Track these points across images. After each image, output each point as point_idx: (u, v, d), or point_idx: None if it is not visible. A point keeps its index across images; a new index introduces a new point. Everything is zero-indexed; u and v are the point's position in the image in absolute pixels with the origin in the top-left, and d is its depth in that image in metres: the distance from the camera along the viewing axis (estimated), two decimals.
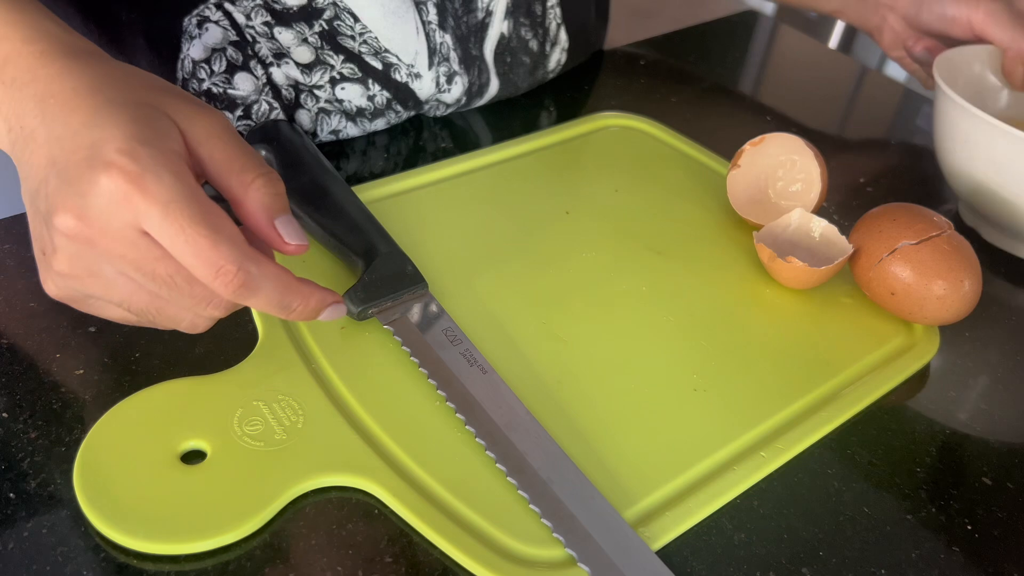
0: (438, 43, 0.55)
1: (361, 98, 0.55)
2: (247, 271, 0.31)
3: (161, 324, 0.34)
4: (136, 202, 0.29)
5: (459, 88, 0.58)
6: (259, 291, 0.31)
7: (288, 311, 0.33)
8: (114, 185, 0.29)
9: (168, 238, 0.30)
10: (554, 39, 0.63)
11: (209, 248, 0.30)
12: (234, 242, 0.31)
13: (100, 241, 0.30)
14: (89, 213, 0.29)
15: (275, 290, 0.32)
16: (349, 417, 0.37)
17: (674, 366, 0.43)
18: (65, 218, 0.30)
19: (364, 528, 0.34)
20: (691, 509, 0.36)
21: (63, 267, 0.31)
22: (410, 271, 0.43)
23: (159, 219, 0.29)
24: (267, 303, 0.32)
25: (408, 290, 0.42)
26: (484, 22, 0.57)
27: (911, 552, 0.37)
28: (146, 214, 0.29)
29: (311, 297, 0.34)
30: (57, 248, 0.31)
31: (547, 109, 0.63)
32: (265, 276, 0.31)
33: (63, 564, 0.32)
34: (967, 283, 0.44)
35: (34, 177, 0.31)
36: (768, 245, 0.48)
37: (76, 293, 0.33)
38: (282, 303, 0.33)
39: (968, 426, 0.43)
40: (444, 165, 0.54)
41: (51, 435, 0.36)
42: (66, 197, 0.29)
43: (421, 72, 0.55)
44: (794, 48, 0.81)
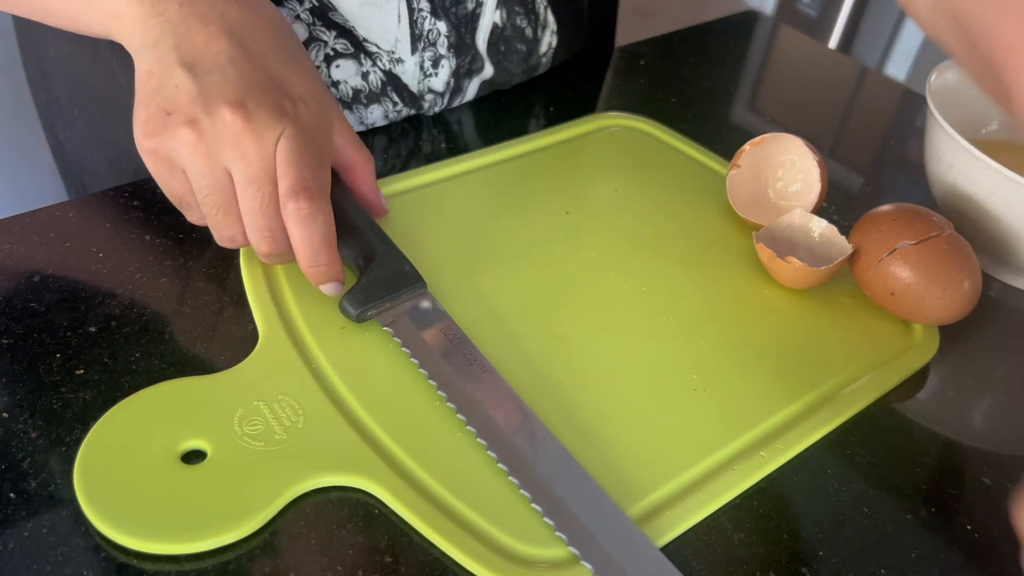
0: (426, 30, 0.55)
1: (356, 77, 0.54)
2: (319, 200, 0.37)
3: (209, 220, 0.39)
4: (290, 123, 0.35)
5: (446, 71, 0.57)
6: (312, 223, 0.38)
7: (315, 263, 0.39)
8: (287, 110, 0.35)
9: (288, 153, 0.36)
10: (543, 22, 0.63)
11: (310, 170, 0.37)
12: (326, 181, 0.39)
13: (244, 140, 0.35)
14: (256, 120, 0.35)
15: (321, 234, 0.38)
16: (349, 417, 0.37)
17: (674, 366, 0.43)
18: (235, 112, 0.35)
19: (364, 528, 0.34)
20: (691, 509, 0.36)
21: (191, 138, 0.36)
22: (408, 271, 0.43)
23: (296, 139, 0.36)
24: (308, 241, 0.38)
25: (407, 290, 0.42)
26: (475, 12, 0.57)
27: (911, 552, 0.37)
28: (289, 134, 0.36)
29: (335, 266, 0.40)
30: (199, 122, 0.35)
31: (547, 109, 0.63)
32: (325, 217, 0.38)
33: (63, 564, 0.32)
34: (967, 283, 0.44)
35: (191, 52, 0.35)
36: (768, 245, 0.48)
37: (175, 156, 0.37)
38: (316, 252, 0.39)
39: (968, 426, 0.43)
40: (443, 165, 0.54)
41: (51, 435, 0.36)
42: (244, 98, 0.35)
43: (403, 57, 0.55)
44: (794, 48, 0.82)
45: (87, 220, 0.47)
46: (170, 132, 0.36)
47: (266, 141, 0.36)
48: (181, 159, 0.37)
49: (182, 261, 0.45)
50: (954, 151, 0.49)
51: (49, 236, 0.45)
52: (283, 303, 0.42)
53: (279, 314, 0.42)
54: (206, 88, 0.35)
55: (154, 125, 0.37)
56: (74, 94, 0.58)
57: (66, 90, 0.59)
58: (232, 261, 0.45)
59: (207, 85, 0.35)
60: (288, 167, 0.36)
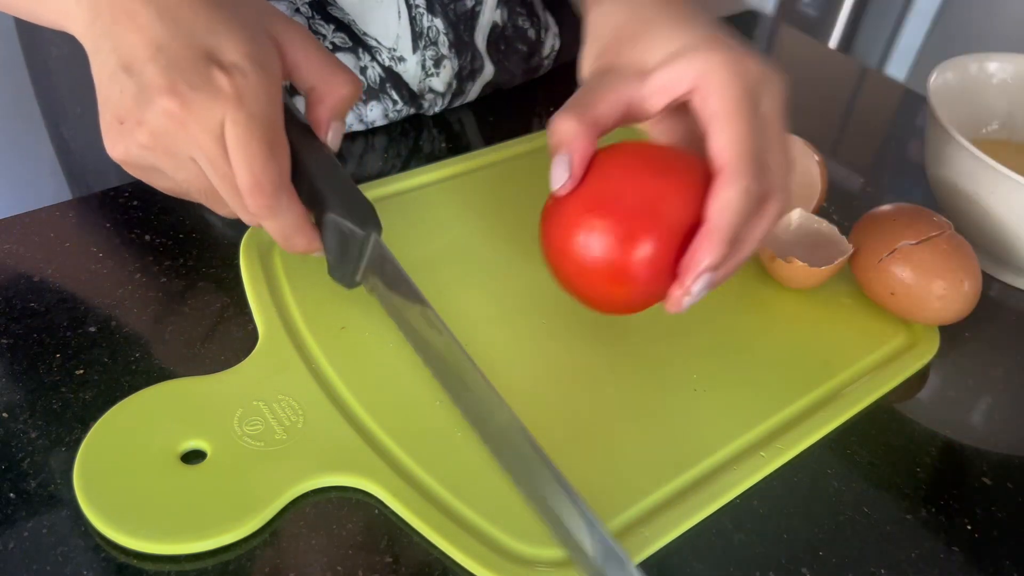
0: (425, 27, 0.54)
1: (354, 71, 0.54)
2: (278, 198, 0.36)
3: (205, 204, 0.39)
4: (230, 105, 0.34)
5: (448, 72, 0.57)
6: (277, 218, 0.37)
7: (289, 244, 0.39)
8: (222, 87, 0.34)
9: (235, 143, 0.34)
10: (545, 24, 0.63)
11: (259, 165, 0.35)
12: (281, 172, 0.36)
13: (191, 127, 0.34)
14: (193, 103, 0.34)
15: (289, 225, 0.38)
16: (349, 417, 0.37)
17: (674, 366, 0.43)
18: (170, 100, 0.34)
19: (364, 528, 0.34)
20: (691, 509, 0.36)
21: (145, 139, 0.35)
22: (356, 230, 0.39)
23: (240, 127, 0.34)
24: (278, 232, 0.38)
25: (366, 253, 0.40)
26: (474, 10, 0.57)
27: (911, 552, 0.37)
28: (233, 119, 0.34)
29: (314, 242, 0.39)
30: (146, 122, 0.35)
31: (548, 109, 0.63)
32: (289, 210, 0.37)
33: (63, 564, 0.32)
34: (967, 283, 0.44)
35: (125, 54, 0.35)
36: (768, 245, 0.48)
37: (143, 162, 0.37)
38: (288, 239, 0.38)
39: (968, 426, 0.43)
40: (443, 165, 0.54)
41: (51, 435, 0.36)
42: (175, 82, 0.34)
43: (405, 56, 0.55)
44: (794, 48, 0.81)
45: (87, 220, 0.47)
46: (128, 139, 0.36)
47: (209, 126, 0.34)
48: (150, 161, 0.36)
49: (182, 261, 0.45)
50: (954, 151, 0.49)
51: (49, 236, 0.45)
52: (283, 303, 0.42)
53: (279, 314, 0.42)
54: (142, 86, 0.34)
55: (113, 136, 0.36)
56: (77, 92, 0.58)
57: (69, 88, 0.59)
58: (232, 261, 0.45)
59: (143, 83, 0.34)
60: (238, 164, 0.35)
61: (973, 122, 0.59)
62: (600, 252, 0.35)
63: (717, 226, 0.34)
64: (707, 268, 0.34)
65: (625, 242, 0.35)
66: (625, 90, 0.36)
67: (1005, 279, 0.53)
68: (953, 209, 0.52)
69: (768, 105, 0.36)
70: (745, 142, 0.34)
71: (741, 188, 0.34)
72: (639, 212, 0.35)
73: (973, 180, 0.49)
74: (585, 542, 0.32)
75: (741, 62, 0.35)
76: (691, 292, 0.35)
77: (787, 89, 0.37)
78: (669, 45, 0.36)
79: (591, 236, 0.35)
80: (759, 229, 0.36)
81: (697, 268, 0.34)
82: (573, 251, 0.36)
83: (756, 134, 0.35)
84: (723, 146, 0.35)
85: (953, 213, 0.52)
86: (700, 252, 0.34)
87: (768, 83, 0.36)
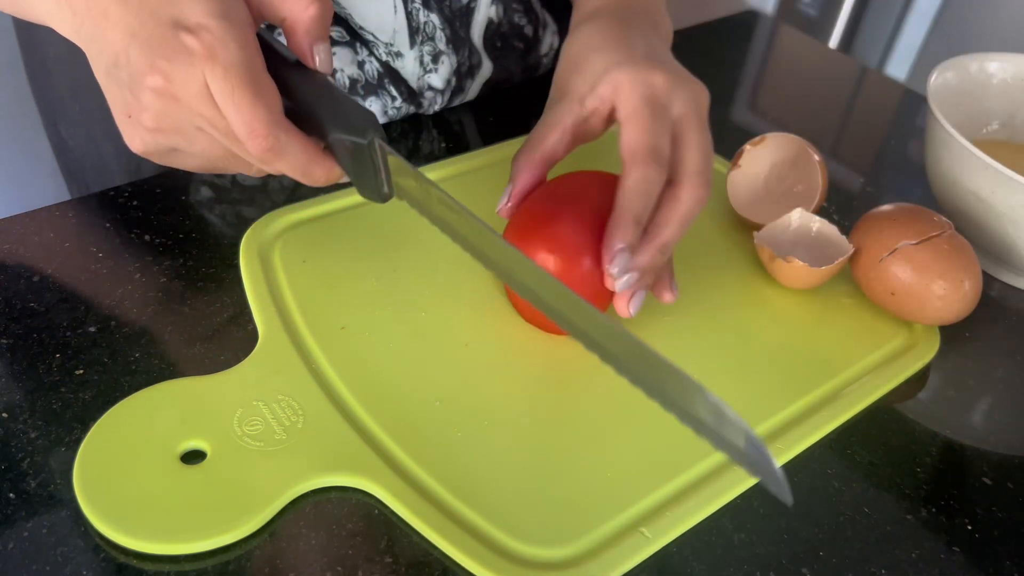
0: (422, 22, 0.54)
1: (352, 66, 0.54)
2: (275, 136, 0.36)
3: (233, 171, 0.39)
4: (205, 64, 0.34)
5: (446, 68, 0.57)
6: (284, 156, 0.36)
7: (311, 178, 0.38)
8: (193, 49, 0.34)
9: (220, 96, 0.35)
10: (543, 21, 0.63)
11: (248, 109, 0.35)
12: (270, 110, 0.36)
13: (182, 98, 0.35)
14: (174, 74, 0.34)
15: (299, 159, 0.37)
16: (349, 417, 0.37)
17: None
18: (154, 78, 0.34)
19: (364, 528, 0.34)
20: (691, 509, 0.36)
21: (151, 123, 0.36)
22: (358, 140, 0.38)
23: (219, 80, 0.34)
24: (292, 168, 0.37)
25: (378, 160, 0.39)
26: (469, 6, 0.57)
27: (911, 552, 0.37)
28: (212, 74, 0.34)
29: (333, 169, 0.38)
30: (146, 107, 0.35)
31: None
32: (292, 145, 0.36)
33: (63, 564, 0.32)
34: (967, 283, 0.44)
35: (110, 52, 0.36)
36: (768, 245, 0.48)
37: (161, 147, 0.38)
38: (305, 170, 0.38)
39: (968, 426, 0.43)
40: (443, 165, 0.54)
41: (51, 435, 0.36)
42: (154, 61, 0.34)
43: (402, 51, 0.55)
44: (794, 48, 0.81)
45: (87, 220, 0.47)
46: (139, 130, 0.37)
47: (194, 89, 0.35)
48: (165, 144, 0.38)
49: (182, 261, 0.45)
50: (954, 151, 0.49)
51: (49, 236, 0.45)
52: (283, 303, 0.42)
53: (279, 314, 0.42)
54: (132, 74, 0.35)
55: (128, 132, 0.38)
56: (75, 91, 0.58)
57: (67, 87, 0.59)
58: (232, 261, 0.45)
59: (131, 72, 0.35)
60: (229, 114, 0.35)
61: (973, 122, 0.59)
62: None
63: (619, 208, 0.38)
64: (621, 248, 0.38)
65: (544, 259, 0.40)
66: (569, 120, 0.42)
67: (1005, 279, 0.53)
68: (953, 209, 0.52)
69: (681, 109, 0.41)
70: (641, 138, 0.39)
71: (638, 175, 0.38)
72: (561, 232, 0.39)
73: (973, 180, 0.49)
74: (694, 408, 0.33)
75: (647, 75, 0.40)
76: (615, 276, 0.38)
77: (704, 94, 0.42)
78: (596, 70, 0.41)
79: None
80: (675, 212, 0.39)
81: (612, 250, 0.38)
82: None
83: (655, 132, 0.39)
84: (624, 144, 0.40)
85: (953, 213, 0.52)
86: (609, 236, 0.38)
87: (679, 90, 0.41)
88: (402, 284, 0.45)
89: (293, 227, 0.47)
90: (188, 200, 0.49)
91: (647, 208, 0.38)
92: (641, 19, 0.46)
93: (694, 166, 0.40)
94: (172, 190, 0.50)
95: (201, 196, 0.50)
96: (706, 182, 0.40)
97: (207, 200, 0.49)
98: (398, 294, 0.44)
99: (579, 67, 0.43)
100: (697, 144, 0.40)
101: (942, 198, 0.53)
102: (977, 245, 0.50)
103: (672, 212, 0.39)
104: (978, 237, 0.51)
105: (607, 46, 0.43)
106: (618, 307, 0.39)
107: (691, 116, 0.40)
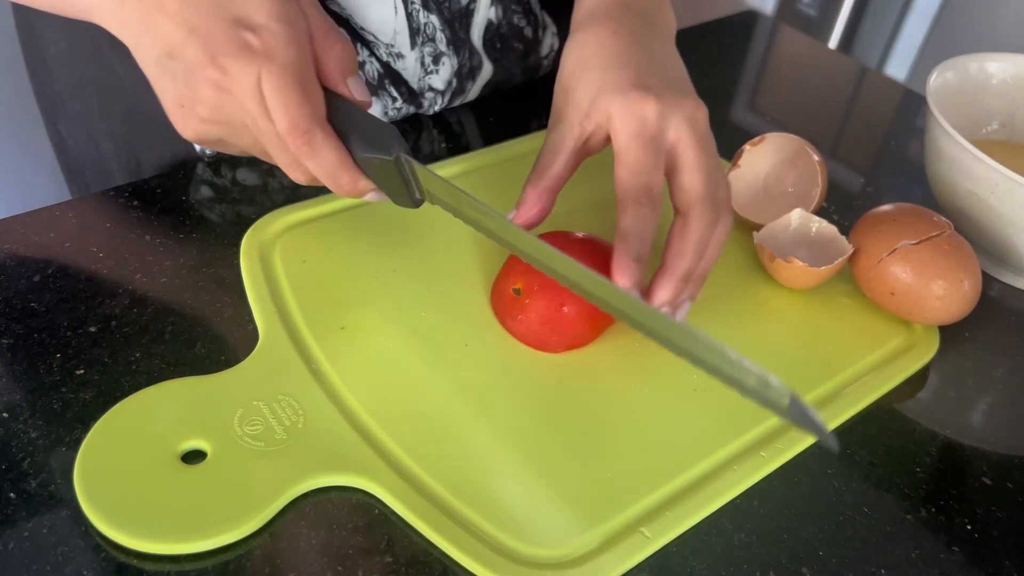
0: (422, 23, 0.54)
1: None
2: (313, 133, 0.38)
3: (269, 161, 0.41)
4: (264, 62, 0.36)
5: (447, 69, 0.57)
6: (318, 154, 0.38)
7: (338, 185, 0.40)
8: (254, 46, 0.36)
9: (271, 93, 0.37)
10: (543, 22, 0.62)
11: (294, 106, 0.37)
12: (314, 111, 0.38)
13: (236, 92, 0.37)
14: (232, 69, 0.36)
15: (331, 161, 0.39)
16: (349, 417, 0.37)
17: (674, 366, 0.42)
18: (213, 71, 0.36)
19: (364, 528, 0.34)
20: (691, 509, 0.36)
21: (205, 114, 0.38)
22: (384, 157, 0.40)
23: (274, 77, 0.36)
24: (322, 168, 0.39)
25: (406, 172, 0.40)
26: (469, 7, 0.57)
27: (911, 552, 0.37)
28: (267, 72, 0.36)
29: (359, 180, 0.40)
30: (202, 99, 0.37)
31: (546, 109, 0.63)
32: (327, 146, 0.38)
33: (63, 564, 0.32)
34: (967, 283, 0.44)
35: (164, 42, 0.37)
36: (768, 245, 0.48)
37: (210, 136, 0.40)
38: (334, 176, 0.39)
39: (968, 426, 0.43)
40: (444, 165, 0.54)
41: (51, 435, 0.36)
42: (214, 55, 0.36)
43: (403, 52, 0.55)
44: (794, 48, 0.82)
45: (87, 220, 0.47)
46: (192, 119, 0.39)
47: (248, 86, 0.37)
48: (215, 134, 0.40)
49: (182, 261, 0.45)
50: (954, 151, 0.49)
51: (49, 236, 0.45)
52: (283, 303, 0.42)
53: (279, 314, 0.42)
54: (188, 66, 0.37)
55: (180, 120, 0.39)
56: (75, 89, 0.58)
57: (67, 85, 0.59)
58: (232, 261, 0.45)
59: (187, 64, 0.37)
60: (275, 110, 0.37)
61: (973, 122, 0.59)
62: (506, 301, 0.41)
63: (617, 250, 0.38)
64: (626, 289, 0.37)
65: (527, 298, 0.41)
66: (570, 145, 0.42)
67: (1005, 279, 0.53)
68: (953, 209, 0.52)
69: (674, 134, 0.40)
70: (630, 179, 0.39)
71: (629, 216, 0.38)
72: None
73: (973, 180, 0.49)
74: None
75: (637, 105, 0.39)
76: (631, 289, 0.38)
77: (699, 111, 0.41)
78: (588, 95, 0.41)
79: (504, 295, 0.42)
80: (688, 241, 0.39)
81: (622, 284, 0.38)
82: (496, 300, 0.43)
83: (645, 169, 0.39)
84: (616, 184, 0.40)
85: (953, 213, 0.52)
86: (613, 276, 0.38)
87: (671, 115, 0.40)
88: (402, 284, 0.45)
89: (293, 227, 0.47)
90: (188, 200, 0.49)
91: (645, 244, 0.38)
92: (638, 19, 0.46)
93: (697, 191, 0.39)
94: (172, 190, 0.50)
95: (201, 196, 0.50)
96: (714, 204, 0.39)
97: (207, 200, 0.49)
98: (398, 294, 0.44)
99: (573, 91, 0.42)
100: (696, 167, 0.39)
101: (942, 198, 0.53)
102: (977, 245, 0.50)
103: (685, 242, 0.39)
104: (978, 237, 0.51)
105: (599, 63, 0.42)
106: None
107: (686, 139, 0.40)
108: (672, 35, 0.49)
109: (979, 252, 0.51)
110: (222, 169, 0.52)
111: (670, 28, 0.49)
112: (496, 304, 0.43)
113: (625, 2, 0.47)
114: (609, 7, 0.46)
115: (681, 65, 0.46)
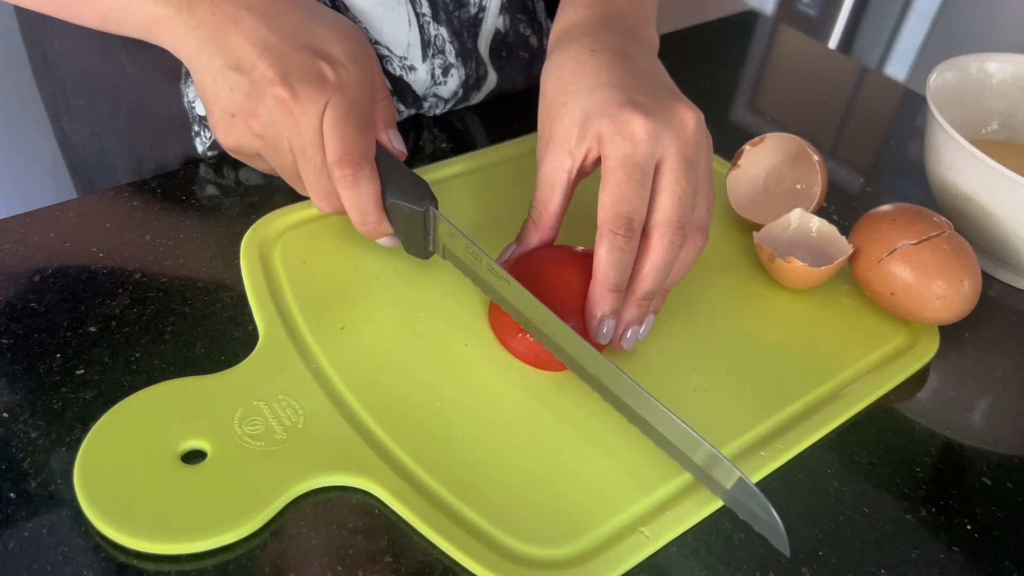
0: (432, 35, 0.55)
1: None
2: (362, 167, 0.40)
3: (290, 183, 0.44)
4: (334, 92, 0.39)
5: (455, 80, 0.57)
6: (359, 187, 0.40)
7: (364, 223, 0.42)
8: (328, 77, 0.39)
9: (332, 121, 0.39)
10: (547, 31, 0.63)
11: (351, 138, 0.39)
12: (368, 148, 0.40)
13: (298, 115, 0.38)
14: (301, 91, 0.38)
15: (367, 197, 0.41)
16: (349, 417, 0.37)
17: (674, 366, 0.43)
18: (283, 90, 0.38)
19: (364, 528, 0.34)
20: (691, 509, 0.36)
21: (257, 128, 0.40)
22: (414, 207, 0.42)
23: (340, 108, 0.39)
24: (356, 203, 0.41)
25: (430, 225, 0.43)
26: (477, 17, 0.57)
27: (911, 552, 0.37)
28: (335, 102, 0.39)
29: (383, 222, 0.42)
30: (260, 113, 0.39)
31: None
32: (369, 182, 0.41)
33: (63, 564, 0.32)
34: (967, 283, 0.44)
35: (233, 55, 0.39)
36: (768, 245, 0.48)
37: (249, 149, 0.42)
38: (364, 212, 0.42)
39: (968, 426, 0.43)
40: (444, 165, 0.54)
41: (51, 435, 0.36)
42: (287, 75, 0.38)
43: (415, 64, 0.55)
44: (794, 48, 0.82)
45: (87, 220, 0.47)
46: (241, 130, 0.40)
47: (312, 113, 0.38)
48: (256, 149, 0.41)
49: (182, 261, 0.45)
50: (954, 151, 0.49)
51: (49, 236, 0.45)
52: (283, 303, 0.42)
53: (279, 314, 0.42)
54: (254, 82, 0.39)
55: (225, 128, 0.41)
56: (80, 85, 0.58)
57: (72, 81, 0.59)
58: (232, 261, 0.45)
59: (254, 79, 0.39)
60: (332, 137, 0.39)
61: (973, 122, 0.59)
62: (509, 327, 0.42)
63: (595, 280, 0.39)
64: (600, 319, 0.39)
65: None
66: (565, 176, 0.41)
67: (1005, 279, 0.53)
68: (953, 209, 0.52)
69: (661, 153, 0.39)
70: (612, 208, 0.38)
71: (606, 245, 0.38)
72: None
73: (973, 180, 0.49)
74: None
75: (625, 127, 0.39)
76: (603, 336, 0.39)
77: (687, 127, 0.40)
78: (575, 118, 0.41)
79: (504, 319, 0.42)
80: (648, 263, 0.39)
81: (593, 320, 0.39)
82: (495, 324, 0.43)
83: (627, 198, 0.38)
84: (599, 210, 0.39)
85: (953, 213, 0.52)
86: (588, 307, 0.40)
87: (661, 135, 0.39)
88: (402, 284, 0.45)
89: (293, 227, 0.47)
90: (188, 200, 0.49)
91: (623, 273, 0.39)
92: (618, 34, 0.45)
93: (663, 214, 0.39)
94: (172, 190, 0.50)
95: (201, 196, 0.50)
96: (679, 227, 0.39)
97: (207, 200, 0.49)
98: (398, 294, 0.44)
99: (559, 118, 0.41)
100: (670, 190, 0.39)
101: (942, 198, 0.53)
102: (977, 245, 0.50)
103: (645, 264, 0.39)
104: (978, 237, 0.51)
105: (583, 85, 0.41)
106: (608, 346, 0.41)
107: (670, 160, 0.39)
108: (654, 51, 0.48)
109: (979, 252, 0.51)
110: (223, 169, 0.52)
111: (652, 44, 0.48)
112: (495, 324, 0.43)
113: (603, 17, 0.46)
114: (588, 24, 0.45)
115: (666, 74, 0.45)
